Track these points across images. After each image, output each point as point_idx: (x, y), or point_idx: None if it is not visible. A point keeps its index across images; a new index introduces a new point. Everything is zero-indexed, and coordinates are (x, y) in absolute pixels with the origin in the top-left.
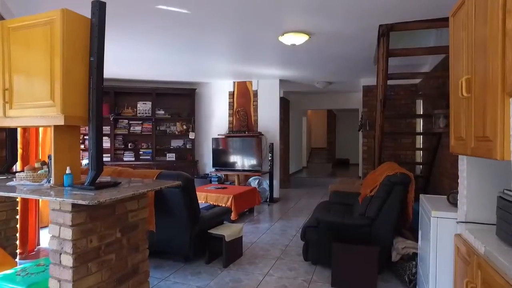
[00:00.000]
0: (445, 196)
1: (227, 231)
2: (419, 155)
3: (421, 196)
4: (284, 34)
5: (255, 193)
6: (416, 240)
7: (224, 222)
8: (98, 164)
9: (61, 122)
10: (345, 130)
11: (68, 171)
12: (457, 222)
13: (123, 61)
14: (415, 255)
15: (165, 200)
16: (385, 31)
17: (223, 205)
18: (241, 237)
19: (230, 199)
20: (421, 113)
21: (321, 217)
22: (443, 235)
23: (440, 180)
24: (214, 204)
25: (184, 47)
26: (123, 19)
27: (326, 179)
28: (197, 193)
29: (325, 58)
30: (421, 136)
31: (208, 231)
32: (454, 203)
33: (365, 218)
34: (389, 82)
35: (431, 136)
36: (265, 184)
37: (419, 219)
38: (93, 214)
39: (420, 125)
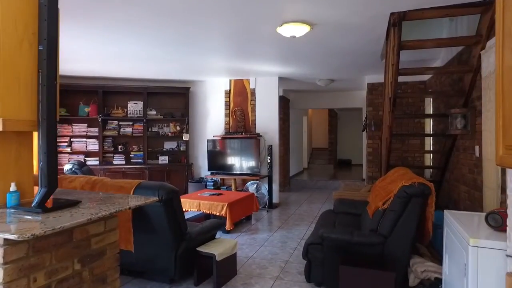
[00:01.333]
0: (477, 213)
1: (219, 248)
2: (428, 158)
3: (446, 212)
4: (283, 25)
5: (252, 199)
6: (436, 259)
7: (218, 234)
8: (50, 180)
9: None
10: (347, 130)
11: (13, 188)
12: (507, 256)
13: (109, 58)
14: (438, 280)
15: (145, 216)
16: (397, 20)
17: (217, 214)
18: (235, 253)
19: (224, 208)
20: (431, 112)
21: (326, 234)
22: (486, 269)
23: (455, 186)
24: (208, 212)
25: (174, 41)
26: (103, 7)
27: (328, 181)
28: (189, 200)
29: (327, 53)
30: (431, 137)
31: (197, 248)
32: (496, 227)
33: (377, 235)
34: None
35: (445, 138)
36: (264, 189)
37: (443, 239)
38: (38, 244)
39: (429, 125)
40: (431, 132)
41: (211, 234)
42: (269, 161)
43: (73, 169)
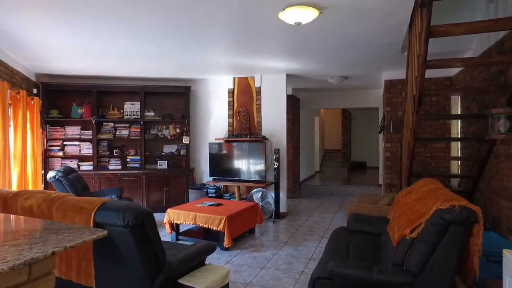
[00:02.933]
0: None
1: (206, 279)
2: (455, 165)
3: (506, 252)
4: (286, 9)
5: (256, 210)
6: None
7: (216, 251)
8: None
9: None
10: (362, 131)
11: None
12: None
13: (102, 55)
14: None
15: (110, 243)
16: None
17: (215, 228)
18: (227, 284)
19: (222, 222)
20: (459, 112)
21: (338, 269)
22: None
23: (494, 201)
24: (205, 226)
25: (168, 35)
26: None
27: (341, 187)
28: (184, 212)
29: (339, 45)
30: (458, 142)
31: (179, 280)
32: None
33: (404, 272)
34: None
35: (478, 143)
36: (270, 197)
37: (503, 283)
38: None
39: (457, 127)
40: (458, 136)
41: (199, 260)
42: (276, 166)
43: (56, 177)
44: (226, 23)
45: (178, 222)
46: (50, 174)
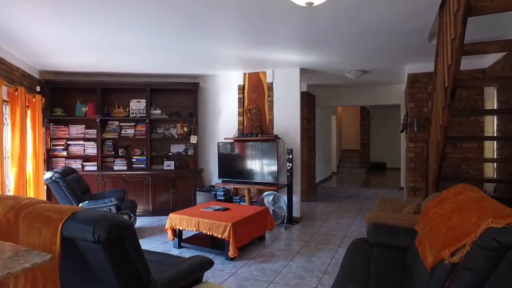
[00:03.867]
0: None
1: None
2: (490, 167)
3: None
4: None
5: (267, 215)
6: None
7: (219, 260)
8: None
9: None
10: (381, 130)
11: None
12: None
13: (104, 48)
14: None
15: (83, 261)
16: None
17: (219, 236)
18: None
19: (227, 229)
20: (495, 107)
21: None
22: None
23: None
24: (208, 234)
25: (176, 22)
26: None
27: (359, 189)
28: (187, 217)
29: (357, 32)
30: (494, 141)
31: None
32: None
33: None
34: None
35: None
36: (282, 201)
37: None
38: None
39: (492, 125)
40: (495, 134)
41: (195, 277)
42: (289, 167)
43: (53, 178)
44: (234, 6)
45: (181, 228)
46: (46, 175)
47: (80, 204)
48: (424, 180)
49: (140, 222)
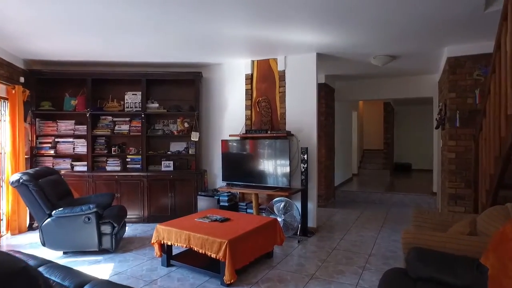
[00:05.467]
0: None
1: None
2: None
3: None
4: None
5: (275, 228)
6: None
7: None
8: None
9: None
10: (406, 128)
11: None
12: None
13: (88, 28)
14: None
15: None
16: None
17: (213, 255)
18: None
19: (223, 248)
20: None
21: None
22: None
23: None
24: (201, 252)
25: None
26: None
27: (384, 194)
28: (176, 230)
29: (386, 4)
30: None
31: None
32: None
33: None
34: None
35: None
36: (295, 209)
37: None
38: None
39: None
40: None
41: None
42: (303, 169)
43: (21, 181)
44: None
45: (169, 243)
46: (13, 177)
47: (54, 212)
48: (473, 187)
49: (132, 230)
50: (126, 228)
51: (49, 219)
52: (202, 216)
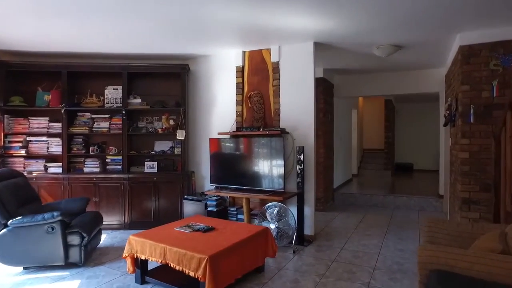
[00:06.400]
0: None
1: None
2: None
3: None
4: None
5: (267, 238)
6: None
7: None
8: None
9: None
10: (407, 127)
11: None
12: None
13: (67, 18)
14: None
15: None
16: None
17: (191, 273)
18: None
19: (202, 265)
20: None
21: None
22: None
23: None
24: (178, 269)
25: None
26: None
27: (387, 197)
28: (151, 243)
29: None
30: None
31: None
32: None
33: None
34: None
35: None
36: (290, 215)
37: None
38: None
39: None
40: None
41: None
42: (299, 170)
43: None
44: None
45: (143, 257)
46: None
47: (10, 221)
48: (488, 190)
49: (110, 238)
50: (104, 236)
51: (4, 230)
52: (183, 225)
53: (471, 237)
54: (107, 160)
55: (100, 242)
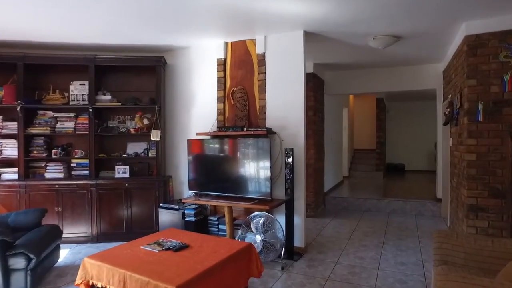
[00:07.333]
0: None
1: None
2: None
3: None
4: None
5: (251, 255)
6: None
7: None
8: None
9: None
10: (398, 126)
11: None
12: None
13: (23, 3)
14: None
15: None
16: None
17: None
18: None
19: None
20: None
21: None
22: None
23: None
24: None
25: None
26: None
27: (381, 201)
28: (108, 267)
29: None
30: None
31: None
32: None
33: None
34: None
35: None
36: (278, 226)
37: None
38: None
39: None
40: None
41: None
42: (288, 176)
43: None
44: None
45: (99, 286)
46: None
47: None
48: (499, 196)
49: (73, 254)
50: (65, 251)
51: None
52: (152, 242)
53: (493, 255)
54: (72, 165)
55: (59, 260)
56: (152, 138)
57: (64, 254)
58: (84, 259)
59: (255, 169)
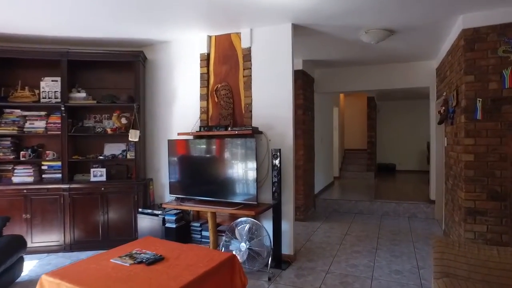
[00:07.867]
0: None
1: None
2: None
3: None
4: None
5: (234, 267)
6: None
7: None
8: None
9: None
10: (389, 126)
11: None
12: None
13: None
14: None
15: None
16: None
17: None
18: None
19: None
20: None
21: None
22: None
23: None
24: None
25: None
26: None
27: (374, 203)
28: (66, 285)
29: None
30: None
31: None
32: None
33: None
34: None
35: None
36: (265, 233)
37: None
38: None
39: None
40: None
41: None
42: (275, 178)
43: None
44: None
45: None
46: None
47: None
48: (499, 199)
49: (42, 266)
50: (32, 263)
51: None
52: (124, 254)
53: (499, 267)
54: (43, 168)
55: (22, 274)
56: (130, 139)
57: (31, 267)
58: (42, 276)
59: (240, 172)
